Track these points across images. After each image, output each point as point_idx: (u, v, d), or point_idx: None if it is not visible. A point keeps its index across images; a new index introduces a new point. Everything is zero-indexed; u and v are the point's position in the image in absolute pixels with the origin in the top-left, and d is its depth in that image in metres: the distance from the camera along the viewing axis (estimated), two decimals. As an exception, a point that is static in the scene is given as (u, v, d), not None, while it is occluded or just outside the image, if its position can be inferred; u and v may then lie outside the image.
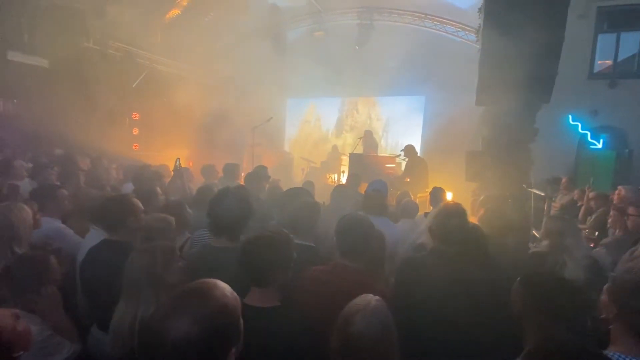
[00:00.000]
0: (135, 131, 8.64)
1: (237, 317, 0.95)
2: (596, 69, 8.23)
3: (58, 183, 3.44)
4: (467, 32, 8.72)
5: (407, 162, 6.91)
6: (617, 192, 3.85)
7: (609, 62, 8.21)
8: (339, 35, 9.95)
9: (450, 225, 1.79)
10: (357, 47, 9.90)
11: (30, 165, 4.59)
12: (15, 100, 7.82)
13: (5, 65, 6.23)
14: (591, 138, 8.13)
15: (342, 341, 1.22)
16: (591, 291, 1.51)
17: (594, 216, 3.86)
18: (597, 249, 2.87)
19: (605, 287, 1.43)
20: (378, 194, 3.04)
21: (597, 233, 3.25)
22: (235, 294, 0.98)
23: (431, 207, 4.02)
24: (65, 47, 6.76)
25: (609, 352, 1.29)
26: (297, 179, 8.27)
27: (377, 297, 1.29)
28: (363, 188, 4.41)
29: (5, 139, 6.94)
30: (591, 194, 4.38)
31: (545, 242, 2.26)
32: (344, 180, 7.77)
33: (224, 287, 0.97)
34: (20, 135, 6.93)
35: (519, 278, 1.46)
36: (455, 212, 1.84)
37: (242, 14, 9.44)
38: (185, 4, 9.06)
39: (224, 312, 0.90)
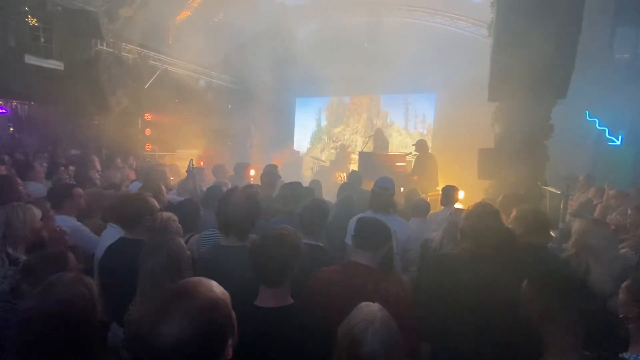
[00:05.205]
0: (148, 132, 8.79)
1: (228, 310, 0.94)
2: (615, 63, 7.95)
3: (73, 182, 3.51)
4: (478, 27, 8.54)
5: (416, 159, 6.80)
6: None
7: (628, 56, 7.92)
8: (348, 33, 9.89)
9: (482, 227, 1.71)
10: (366, 45, 9.82)
11: (46, 165, 4.71)
12: (32, 103, 8.07)
13: (22, 69, 6.40)
14: (609, 134, 7.87)
15: None
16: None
17: (613, 215, 3.74)
18: (623, 250, 2.76)
19: (624, 285, 1.36)
20: (386, 191, 2.98)
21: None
22: (222, 287, 0.97)
23: (442, 207, 3.94)
24: (80, 50, 6.94)
25: (630, 354, 1.24)
26: (307, 178, 8.27)
27: (378, 306, 1.19)
28: (369, 185, 4.36)
29: (23, 140, 7.18)
30: (611, 192, 4.24)
31: (568, 244, 2.14)
32: (353, 179, 7.72)
33: (209, 282, 0.96)
34: (37, 137, 7.15)
35: (526, 281, 1.36)
36: (488, 213, 1.77)
37: (251, 13, 9.49)
38: (195, 5, 9.15)
39: (213, 308, 0.89)
